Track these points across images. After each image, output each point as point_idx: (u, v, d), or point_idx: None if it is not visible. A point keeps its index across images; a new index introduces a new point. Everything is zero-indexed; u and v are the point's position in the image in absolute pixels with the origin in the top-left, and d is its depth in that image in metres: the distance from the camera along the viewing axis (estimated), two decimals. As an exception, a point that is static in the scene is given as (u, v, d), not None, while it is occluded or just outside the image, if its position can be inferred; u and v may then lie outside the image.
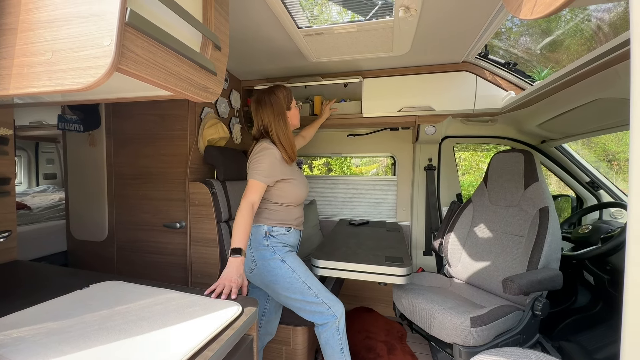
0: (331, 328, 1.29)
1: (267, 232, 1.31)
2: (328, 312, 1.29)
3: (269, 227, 1.32)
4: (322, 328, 1.31)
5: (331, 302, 1.30)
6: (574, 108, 1.39)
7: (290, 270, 1.28)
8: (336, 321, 1.29)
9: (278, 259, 1.29)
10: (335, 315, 1.29)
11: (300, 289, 1.28)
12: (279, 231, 1.33)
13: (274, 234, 1.32)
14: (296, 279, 1.28)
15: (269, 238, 1.31)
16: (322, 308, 1.29)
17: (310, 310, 1.30)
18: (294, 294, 1.28)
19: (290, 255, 1.33)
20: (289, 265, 1.29)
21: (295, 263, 1.31)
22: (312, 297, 1.28)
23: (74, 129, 1.82)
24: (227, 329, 0.77)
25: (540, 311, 1.31)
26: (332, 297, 1.32)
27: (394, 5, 1.22)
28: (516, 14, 0.54)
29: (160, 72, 0.63)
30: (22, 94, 0.56)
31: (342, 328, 1.30)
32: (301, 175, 1.45)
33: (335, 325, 1.29)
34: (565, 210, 2.26)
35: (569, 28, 2.28)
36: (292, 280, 1.28)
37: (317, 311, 1.29)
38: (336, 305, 1.31)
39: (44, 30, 0.56)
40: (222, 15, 0.85)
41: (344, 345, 1.31)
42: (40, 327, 0.69)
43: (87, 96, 0.90)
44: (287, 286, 1.28)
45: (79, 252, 1.99)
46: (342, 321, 1.31)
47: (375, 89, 1.99)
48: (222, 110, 1.99)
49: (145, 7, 0.62)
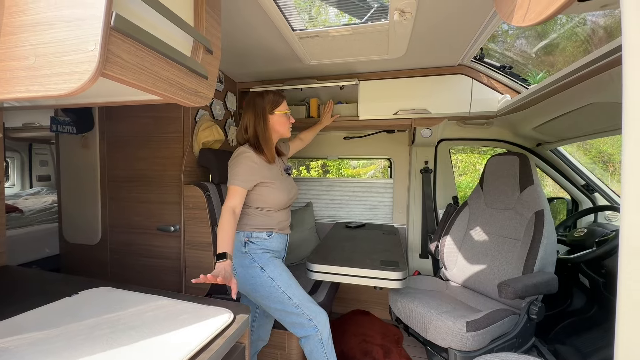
0: (314, 340, 1.24)
1: (246, 238, 1.28)
2: (309, 324, 1.24)
3: (247, 233, 1.29)
4: (304, 341, 1.26)
5: (313, 313, 1.25)
6: (569, 112, 1.39)
7: (269, 280, 1.25)
8: (318, 333, 1.24)
9: (257, 268, 1.26)
10: (316, 328, 1.24)
11: (279, 299, 1.24)
12: (258, 236, 1.30)
13: (252, 239, 1.29)
14: (275, 288, 1.24)
15: (247, 244, 1.28)
16: (302, 320, 1.24)
17: (291, 322, 1.26)
18: (273, 304, 1.25)
19: (272, 263, 1.29)
20: (268, 274, 1.25)
21: (276, 272, 1.27)
22: (292, 308, 1.24)
23: (67, 131, 1.80)
24: (218, 337, 0.75)
25: (536, 315, 1.31)
26: (315, 307, 1.27)
27: (389, 8, 1.21)
28: (508, 20, 0.53)
29: (148, 76, 0.61)
30: (4, 99, 0.54)
31: (326, 339, 1.25)
32: (285, 180, 1.41)
33: (318, 338, 1.24)
34: (560, 213, 2.27)
35: (565, 31, 2.29)
36: (271, 290, 1.24)
37: (298, 322, 1.25)
38: (318, 316, 1.26)
39: (27, 34, 0.54)
40: (213, 18, 0.83)
41: (331, 356, 1.26)
42: (24, 338, 0.67)
43: (77, 100, 0.88)
44: (267, 295, 1.24)
45: (71, 256, 1.96)
46: (326, 332, 1.26)
47: (371, 92, 1.98)
48: (218, 113, 1.97)
49: (134, 10, 0.61)
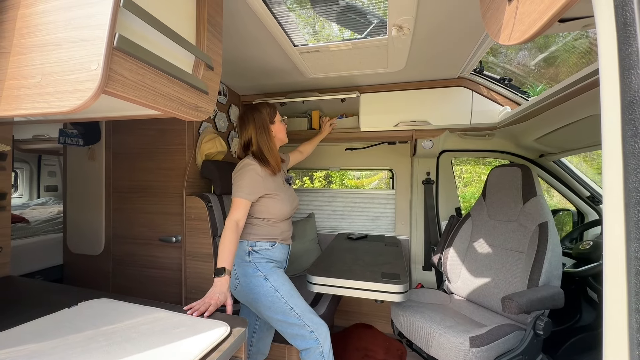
0: (314, 353, 1.22)
1: (250, 247, 1.29)
2: (310, 336, 1.23)
3: (252, 243, 1.30)
4: (305, 354, 1.24)
5: (314, 325, 1.25)
6: (570, 123, 1.39)
7: (272, 289, 1.24)
8: (319, 346, 1.22)
9: (261, 277, 1.26)
10: (317, 340, 1.23)
11: (282, 309, 1.23)
12: (262, 246, 1.31)
13: (257, 249, 1.30)
14: (278, 298, 1.24)
15: (252, 254, 1.28)
16: (304, 331, 1.23)
17: (292, 333, 1.25)
18: (275, 314, 1.24)
19: (275, 272, 1.30)
20: (271, 283, 1.25)
21: (279, 282, 1.27)
22: (294, 319, 1.23)
23: (74, 143, 1.85)
24: (213, 351, 0.74)
25: (543, 330, 1.27)
26: (316, 319, 1.27)
27: (387, 24, 1.24)
28: (496, 39, 0.55)
29: (148, 93, 0.64)
30: (11, 115, 0.57)
31: (327, 352, 1.24)
32: (288, 190, 1.42)
33: (319, 351, 1.22)
34: (566, 224, 2.23)
35: (565, 44, 2.31)
36: (274, 300, 1.24)
37: (299, 334, 1.24)
38: (320, 328, 1.25)
39: (35, 54, 0.57)
40: (214, 36, 0.86)
41: None
42: (21, 350, 0.67)
43: (82, 115, 0.91)
44: (269, 305, 1.24)
45: (74, 266, 1.98)
46: (327, 345, 1.25)
47: (372, 104, 2.00)
48: (221, 125, 2.01)
49: (137, 30, 0.64)
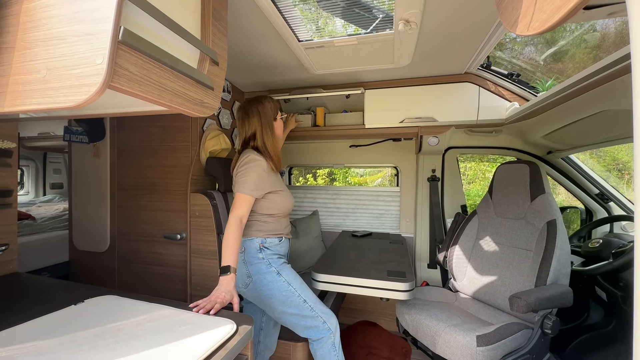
0: (327, 343, 1.26)
1: (261, 244, 1.29)
2: (323, 326, 1.26)
3: (262, 239, 1.30)
4: (317, 344, 1.27)
5: (326, 315, 1.28)
6: (580, 119, 1.36)
7: (286, 284, 1.26)
8: (331, 336, 1.26)
9: (274, 272, 1.27)
10: (330, 330, 1.26)
11: (295, 303, 1.25)
12: (272, 242, 1.31)
13: (267, 245, 1.30)
14: (292, 292, 1.25)
15: (264, 250, 1.29)
16: (317, 322, 1.26)
17: (305, 326, 1.27)
18: (289, 308, 1.26)
19: (285, 267, 1.31)
20: (284, 278, 1.27)
21: (291, 276, 1.29)
22: (307, 311, 1.26)
23: (79, 140, 1.85)
24: (220, 348, 0.74)
25: (550, 329, 1.25)
26: (327, 310, 1.30)
27: (394, 18, 1.22)
28: (512, 30, 0.52)
29: (154, 88, 0.63)
30: (16, 111, 0.56)
31: (337, 343, 1.27)
32: (285, 185, 1.45)
33: (331, 341, 1.26)
34: (574, 222, 2.19)
35: (574, 38, 2.26)
36: (287, 294, 1.25)
37: (312, 326, 1.26)
38: (331, 318, 1.28)
39: (39, 49, 0.56)
40: (220, 30, 0.85)
41: None
42: (29, 346, 0.67)
43: (87, 111, 0.90)
44: (283, 300, 1.25)
45: (80, 263, 1.99)
46: (337, 335, 1.28)
47: (377, 100, 1.98)
48: (225, 122, 2.00)
49: (142, 24, 0.63)
